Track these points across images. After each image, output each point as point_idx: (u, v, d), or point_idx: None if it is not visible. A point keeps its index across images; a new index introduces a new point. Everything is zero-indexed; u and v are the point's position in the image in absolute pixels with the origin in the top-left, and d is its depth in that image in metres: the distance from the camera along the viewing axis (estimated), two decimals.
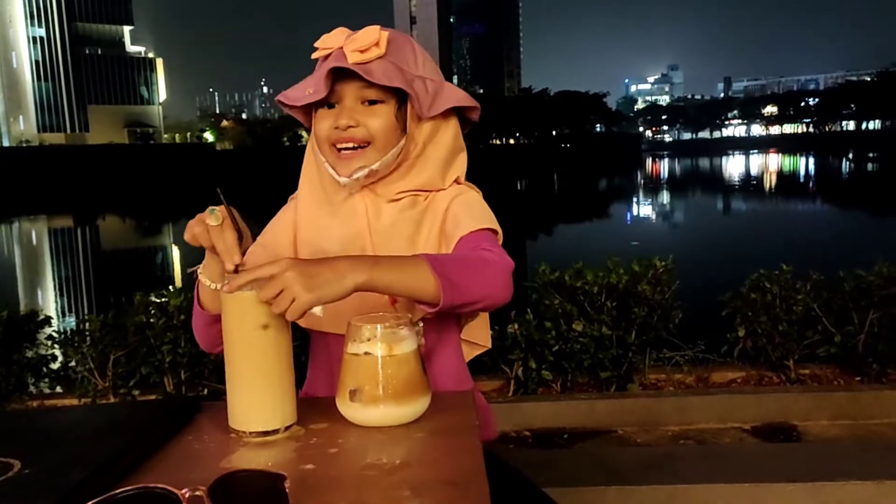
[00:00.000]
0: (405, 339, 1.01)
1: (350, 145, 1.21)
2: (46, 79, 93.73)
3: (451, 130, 1.27)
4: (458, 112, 1.29)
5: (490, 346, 1.42)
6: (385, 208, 1.26)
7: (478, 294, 1.09)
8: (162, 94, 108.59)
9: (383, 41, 1.18)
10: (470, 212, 1.24)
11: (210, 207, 1.05)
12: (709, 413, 3.08)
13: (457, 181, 1.32)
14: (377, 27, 1.20)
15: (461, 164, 1.31)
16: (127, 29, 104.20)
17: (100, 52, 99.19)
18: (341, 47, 1.18)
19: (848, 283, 3.35)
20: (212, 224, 1.04)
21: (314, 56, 1.22)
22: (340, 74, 1.18)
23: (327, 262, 0.99)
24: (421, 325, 1.23)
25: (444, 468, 0.89)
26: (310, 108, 1.28)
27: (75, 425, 1.06)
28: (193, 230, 1.06)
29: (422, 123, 1.23)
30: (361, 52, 1.16)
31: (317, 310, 0.98)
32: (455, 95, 1.24)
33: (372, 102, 1.20)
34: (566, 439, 2.99)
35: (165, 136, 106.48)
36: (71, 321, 8.75)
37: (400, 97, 1.21)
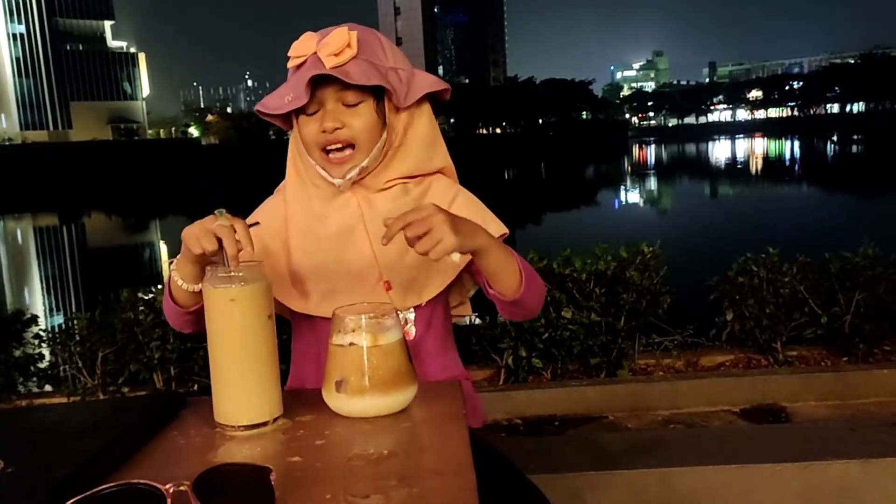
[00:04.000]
0: (390, 330, 1.01)
1: (338, 146, 1.24)
2: (27, 76, 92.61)
3: (425, 114, 1.31)
4: (429, 95, 1.31)
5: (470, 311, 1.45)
6: (376, 199, 1.29)
7: (531, 306, 1.25)
8: (145, 89, 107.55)
9: (354, 41, 1.20)
10: (486, 215, 1.31)
11: (217, 210, 1.06)
12: (698, 397, 3.10)
13: (444, 172, 1.35)
14: (345, 28, 1.22)
15: (442, 148, 1.34)
16: (108, 24, 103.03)
17: (81, 48, 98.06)
18: (315, 53, 1.20)
19: (834, 265, 3.38)
20: (225, 224, 1.04)
21: (289, 65, 1.24)
22: (318, 79, 1.20)
23: (464, 218, 1.10)
24: (413, 314, 1.23)
25: (431, 457, 0.89)
26: (289, 114, 1.29)
27: (60, 423, 1.05)
28: (203, 241, 1.04)
29: (400, 113, 1.26)
30: (336, 55, 1.19)
31: (455, 256, 1.03)
32: (427, 81, 1.28)
33: (352, 104, 1.23)
34: (557, 426, 3.00)
35: (150, 131, 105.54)
36: (58, 320, 8.69)
37: (377, 92, 1.24)
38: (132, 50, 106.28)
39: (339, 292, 1.25)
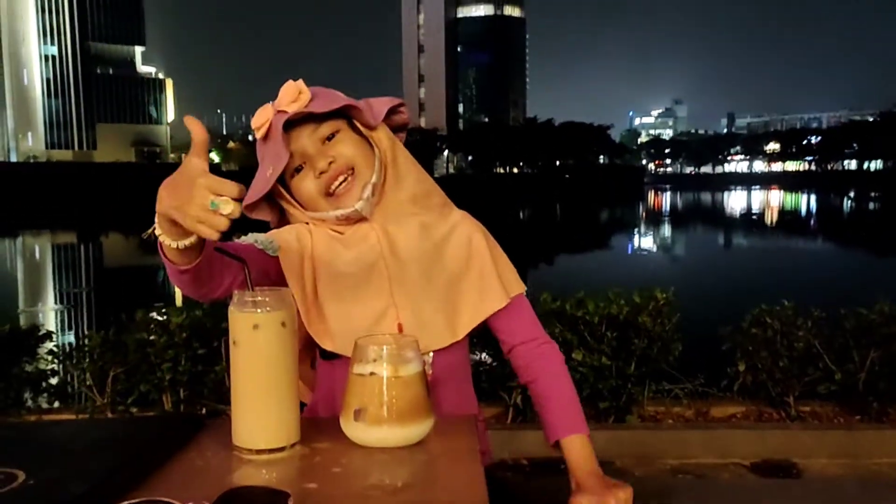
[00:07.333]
0: (411, 361, 1.02)
1: (341, 179, 1.25)
2: (57, 96, 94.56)
3: (399, 142, 1.33)
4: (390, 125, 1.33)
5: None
6: (397, 235, 1.27)
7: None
8: (170, 114, 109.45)
9: (304, 88, 1.23)
10: (513, 272, 1.36)
11: (213, 199, 0.91)
12: (708, 448, 3.06)
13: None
14: (291, 81, 1.24)
15: (434, 183, 1.35)
16: (139, 49, 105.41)
17: (111, 71, 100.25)
18: (276, 114, 1.23)
19: (849, 321, 3.35)
20: (227, 213, 0.90)
21: (258, 136, 1.26)
22: (292, 136, 1.23)
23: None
24: (431, 355, 1.24)
25: (446, 491, 0.89)
26: (273, 204, 1.31)
27: (81, 438, 1.06)
28: (205, 229, 0.92)
29: (378, 135, 1.28)
30: (294, 101, 1.22)
31: None
32: (384, 100, 1.31)
33: (329, 138, 1.25)
34: (564, 469, 2.97)
35: (172, 155, 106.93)
36: (70, 337, 8.73)
37: (348, 121, 1.27)
38: (160, 76, 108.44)
39: (359, 331, 1.22)
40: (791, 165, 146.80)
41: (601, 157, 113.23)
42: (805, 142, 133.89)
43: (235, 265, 1.12)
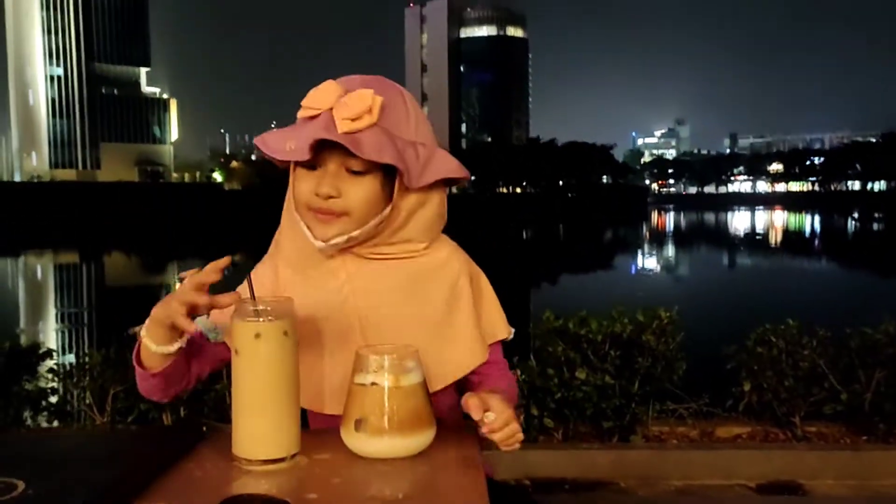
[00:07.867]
0: (412, 371, 1.02)
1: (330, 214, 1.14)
2: (61, 116, 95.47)
3: (437, 198, 1.20)
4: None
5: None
6: (368, 274, 1.19)
7: None
8: (174, 133, 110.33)
9: (376, 108, 1.09)
10: (501, 313, 1.29)
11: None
12: (713, 469, 3.03)
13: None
14: (370, 91, 1.10)
15: (440, 228, 1.25)
16: (143, 70, 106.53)
17: (116, 92, 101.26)
18: (331, 110, 1.09)
19: (854, 341, 3.33)
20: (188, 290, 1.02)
21: (300, 115, 1.13)
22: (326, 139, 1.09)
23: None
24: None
25: (448, 503, 0.88)
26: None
27: (80, 449, 1.06)
28: (184, 323, 1.02)
29: (409, 193, 1.15)
30: (353, 120, 1.08)
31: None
32: (446, 166, 1.16)
33: (356, 172, 1.12)
34: (567, 490, 2.94)
35: (175, 174, 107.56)
36: (72, 356, 8.72)
37: (387, 166, 1.12)
38: (164, 96, 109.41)
39: (334, 387, 1.15)
40: (794, 186, 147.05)
41: (604, 176, 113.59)
42: (808, 162, 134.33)
43: (204, 354, 1.20)
